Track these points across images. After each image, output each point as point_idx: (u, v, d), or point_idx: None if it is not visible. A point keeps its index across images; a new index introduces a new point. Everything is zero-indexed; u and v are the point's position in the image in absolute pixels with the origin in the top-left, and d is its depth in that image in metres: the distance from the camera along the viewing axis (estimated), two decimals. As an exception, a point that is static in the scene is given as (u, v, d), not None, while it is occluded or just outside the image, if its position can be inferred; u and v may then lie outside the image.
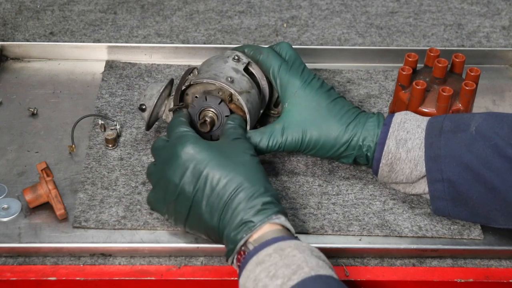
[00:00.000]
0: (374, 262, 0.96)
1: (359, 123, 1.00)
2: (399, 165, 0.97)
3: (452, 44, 1.31)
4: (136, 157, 1.06)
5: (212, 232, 0.90)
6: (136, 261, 0.94)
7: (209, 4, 1.39)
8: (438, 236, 0.98)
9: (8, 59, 1.23)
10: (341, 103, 1.01)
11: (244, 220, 0.87)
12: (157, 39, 1.29)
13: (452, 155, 0.94)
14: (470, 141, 0.94)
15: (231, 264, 0.88)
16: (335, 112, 1.00)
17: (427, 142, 0.96)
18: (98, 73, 1.20)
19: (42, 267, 0.93)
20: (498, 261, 0.96)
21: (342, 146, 1.00)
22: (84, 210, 0.99)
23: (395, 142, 0.97)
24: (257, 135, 1.00)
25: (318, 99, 1.01)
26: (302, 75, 1.02)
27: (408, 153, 0.97)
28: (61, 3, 1.37)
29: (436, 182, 0.95)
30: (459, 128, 0.95)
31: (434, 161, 0.95)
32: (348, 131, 0.99)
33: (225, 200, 0.88)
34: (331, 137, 1.00)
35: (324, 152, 1.01)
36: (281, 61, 1.03)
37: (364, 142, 0.99)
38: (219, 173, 0.89)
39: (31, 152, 1.07)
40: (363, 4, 1.41)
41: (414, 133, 0.97)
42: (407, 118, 0.99)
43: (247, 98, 1.01)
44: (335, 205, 1.01)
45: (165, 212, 0.93)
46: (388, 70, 1.23)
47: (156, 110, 1.04)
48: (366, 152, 0.99)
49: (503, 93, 1.21)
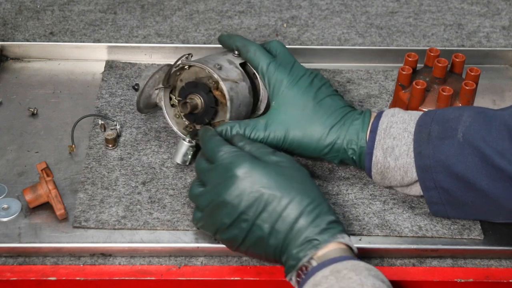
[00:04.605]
0: (374, 262, 0.96)
1: (343, 125, 0.98)
2: (390, 173, 0.97)
3: (452, 44, 1.31)
4: (136, 157, 1.06)
5: (271, 253, 0.88)
6: (136, 261, 0.94)
7: (209, 4, 1.39)
8: (438, 236, 0.98)
9: (8, 59, 1.23)
10: (328, 103, 0.99)
11: (309, 238, 0.85)
12: (157, 39, 1.29)
13: (441, 164, 0.93)
14: (458, 149, 0.92)
15: (289, 280, 0.87)
16: (321, 114, 0.99)
17: (416, 151, 0.95)
18: (98, 73, 1.20)
19: (42, 267, 0.93)
20: (498, 261, 0.96)
21: (325, 148, 0.98)
22: (84, 210, 0.99)
23: (382, 151, 0.96)
24: (241, 125, 0.99)
25: (305, 99, 0.99)
26: (290, 74, 1.01)
27: (396, 161, 0.96)
28: (61, 3, 1.37)
29: (430, 189, 0.95)
30: (447, 134, 0.94)
31: (425, 171, 0.94)
32: (332, 133, 0.98)
33: (291, 222, 0.86)
34: (313, 138, 0.98)
35: (308, 153, 1.00)
36: (270, 59, 1.02)
37: (348, 146, 0.98)
38: (280, 194, 0.87)
39: (31, 152, 1.07)
40: (363, 4, 1.41)
41: (401, 138, 0.96)
42: (393, 121, 0.97)
43: (231, 86, 1.00)
44: (335, 205, 1.01)
45: (217, 233, 0.91)
46: (388, 70, 1.23)
47: (148, 90, 1.04)
48: (351, 155, 0.98)
49: (503, 93, 1.21)
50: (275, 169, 0.89)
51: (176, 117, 1.06)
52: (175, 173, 1.04)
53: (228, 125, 0.99)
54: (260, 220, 0.87)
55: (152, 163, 1.05)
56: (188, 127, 1.05)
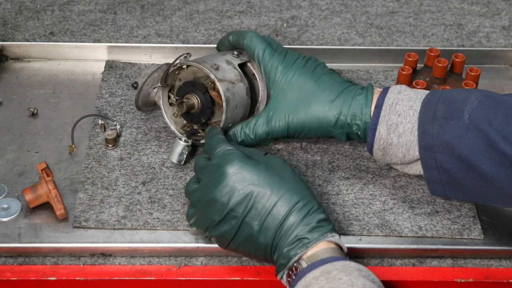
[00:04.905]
0: (374, 262, 0.96)
1: (345, 100, 0.98)
2: (392, 150, 0.97)
3: (452, 44, 1.31)
4: (136, 157, 1.06)
5: (261, 251, 0.88)
6: (136, 261, 0.94)
7: (209, 4, 1.39)
8: (438, 236, 0.98)
9: (8, 59, 1.23)
10: (324, 80, 1.00)
11: (299, 237, 0.85)
12: (157, 39, 1.29)
13: (444, 144, 0.93)
14: (462, 131, 0.92)
15: (280, 279, 0.88)
16: (320, 92, 0.99)
17: (420, 130, 0.95)
18: (98, 73, 1.20)
19: (42, 267, 0.93)
20: (498, 261, 0.96)
21: (329, 125, 0.98)
22: (84, 210, 0.99)
23: (386, 127, 0.96)
24: (243, 125, 1.00)
25: (302, 80, 0.99)
26: (285, 59, 1.01)
27: (399, 138, 0.96)
28: (61, 3, 1.37)
29: (431, 169, 0.95)
30: (453, 115, 0.93)
31: (427, 150, 0.94)
32: (332, 108, 0.98)
33: (280, 219, 0.86)
34: (315, 117, 0.98)
35: (313, 133, 1.00)
36: (265, 45, 1.02)
37: (352, 121, 0.98)
38: (269, 191, 0.87)
39: (31, 152, 1.07)
40: (363, 4, 1.41)
41: (406, 116, 0.96)
42: (399, 98, 0.97)
43: (227, 87, 1.00)
44: (335, 205, 1.01)
45: (207, 230, 0.91)
46: (388, 70, 1.23)
47: (146, 89, 1.05)
48: (356, 131, 0.98)
49: (503, 93, 1.21)
50: (265, 167, 0.90)
51: (174, 116, 1.06)
52: (175, 173, 1.04)
53: (234, 129, 1.01)
54: (249, 217, 0.87)
55: (152, 163, 1.05)
56: (186, 126, 1.05)
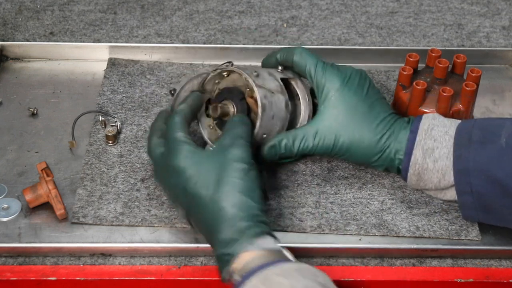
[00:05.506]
0: (374, 262, 0.96)
1: (392, 134, 0.97)
2: (427, 175, 0.96)
3: (452, 44, 1.31)
4: (136, 154, 1.06)
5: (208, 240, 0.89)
6: (136, 261, 0.94)
7: (209, 4, 1.39)
8: (436, 236, 0.98)
9: (8, 59, 1.23)
10: (377, 109, 0.98)
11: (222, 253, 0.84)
12: (157, 39, 1.30)
13: (480, 168, 0.92)
14: (499, 154, 0.91)
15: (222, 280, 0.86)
16: (371, 120, 0.97)
17: (456, 154, 0.94)
18: (98, 73, 1.21)
19: (42, 267, 0.93)
20: (498, 261, 0.96)
21: (374, 156, 0.98)
22: (82, 206, 0.99)
23: (421, 152, 0.95)
24: (289, 137, 0.98)
25: (354, 103, 0.97)
26: (339, 74, 0.99)
27: (435, 163, 0.95)
28: (61, 3, 1.37)
29: (465, 194, 0.94)
30: (488, 139, 0.93)
31: (462, 174, 0.94)
32: (381, 142, 0.97)
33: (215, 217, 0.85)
34: (362, 145, 0.97)
35: (355, 159, 0.99)
36: (317, 60, 1.00)
37: (396, 156, 0.97)
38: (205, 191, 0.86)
39: (31, 152, 1.07)
40: (363, 4, 1.41)
41: (442, 141, 0.95)
42: (435, 124, 0.97)
43: (265, 94, 0.96)
44: (333, 204, 1.01)
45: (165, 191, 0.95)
46: (389, 70, 1.23)
47: (184, 95, 1.00)
48: (398, 165, 0.98)
49: (503, 93, 1.21)
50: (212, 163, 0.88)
51: (209, 128, 1.02)
52: (175, 173, 1.04)
53: (276, 139, 0.98)
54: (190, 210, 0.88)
55: (152, 162, 1.05)
56: None
